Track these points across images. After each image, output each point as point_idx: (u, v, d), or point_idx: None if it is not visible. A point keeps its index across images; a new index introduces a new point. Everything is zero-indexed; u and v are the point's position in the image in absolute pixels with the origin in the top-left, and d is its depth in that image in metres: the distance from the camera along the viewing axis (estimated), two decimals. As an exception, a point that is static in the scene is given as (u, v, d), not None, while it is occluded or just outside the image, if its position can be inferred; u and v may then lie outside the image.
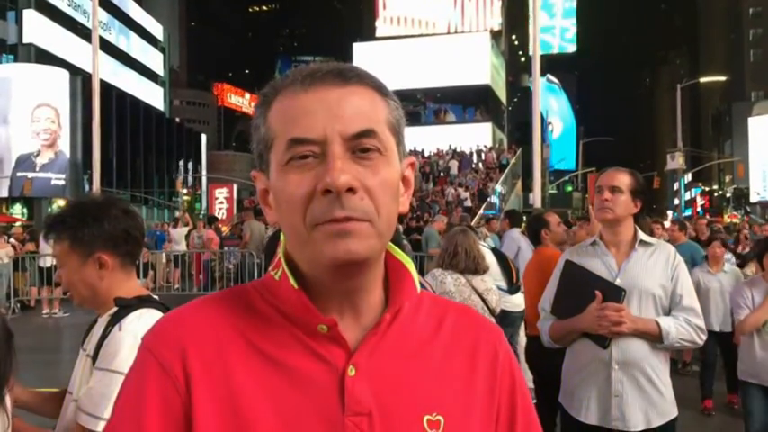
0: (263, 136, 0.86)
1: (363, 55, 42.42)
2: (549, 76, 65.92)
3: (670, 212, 52.37)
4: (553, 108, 66.30)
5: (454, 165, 28.07)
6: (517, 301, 6.19)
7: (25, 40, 43.67)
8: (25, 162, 38.39)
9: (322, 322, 0.83)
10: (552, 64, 60.75)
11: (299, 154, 0.81)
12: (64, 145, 40.95)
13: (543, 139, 26.31)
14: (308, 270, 0.85)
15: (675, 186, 62.52)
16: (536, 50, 13.76)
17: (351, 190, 0.78)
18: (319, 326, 0.83)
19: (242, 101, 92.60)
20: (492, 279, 4.61)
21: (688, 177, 57.89)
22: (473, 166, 29.10)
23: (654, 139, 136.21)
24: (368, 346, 0.85)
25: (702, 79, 57.96)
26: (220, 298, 0.89)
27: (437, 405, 0.86)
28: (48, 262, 13.05)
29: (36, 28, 44.02)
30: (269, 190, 0.87)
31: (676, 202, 59.89)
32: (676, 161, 38.28)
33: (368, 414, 0.82)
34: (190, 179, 53.24)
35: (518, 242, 7.61)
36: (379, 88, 0.86)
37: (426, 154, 30.55)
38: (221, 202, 23.07)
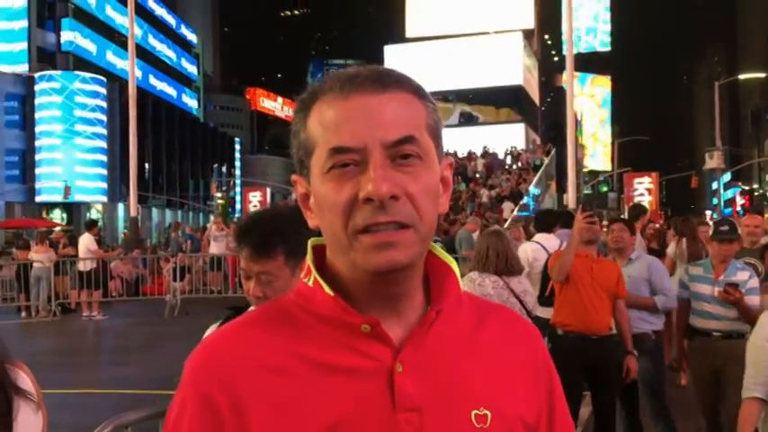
0: (303, 142, 0.86)
1: (394, 57, 42.38)
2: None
3: (708, 212, 51.33)
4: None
5: (485, 166, 27.95)
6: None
7: (63, 49, 44.63)
8: (64, 167, 39.24)
9: (364, 322, 0.83)
10: (587, 63, 60.17)
11: (340, 162, 0.81)
12: (102, 151, 41.79)
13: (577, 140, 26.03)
14: (348, 275, 0.85)
15: (714, 185, 61.33)
16: (570, 50, 13.64)
17: (393, 197, 0.79)
18: (363, 326, 0.83)
19: (275, 105, 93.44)
20: (528, 281, 4.57)
21: (727, 176, 56.75)
22: (506, 167, 28.90)
23: (691, 137, 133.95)
24: (413, 343, 0.85)
25: (741, 76, 56.91)
26: (259, 316, 0.90)
27: (483, 400, 0.86)
28: (88, 266, 13.30)
29: (74, 36, 44.96)
30: (309, 194, 0.88)
31: (715, 201, 58.74)
32: (715, 160, 37.58)
33: (418, 409, 0.82)
34: (224, 183, 53.78)
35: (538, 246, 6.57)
36: (417, 91, 0.86)
37: (459, 155, 30.43)
38: (255, 206, 23.29)
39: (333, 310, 0.84)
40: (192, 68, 66.12)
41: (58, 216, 40.90)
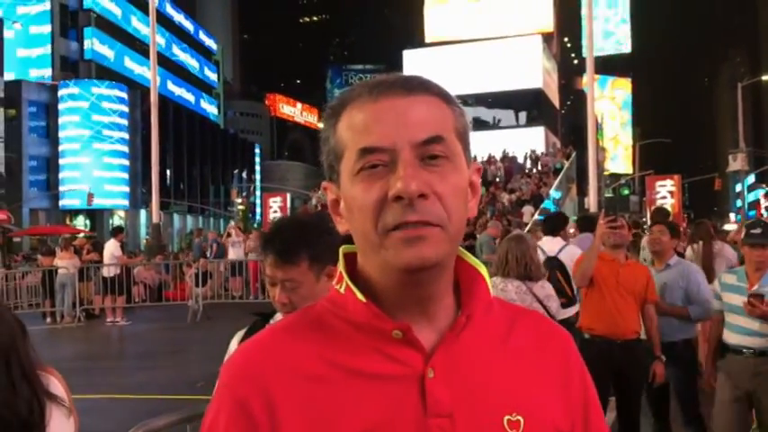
0: (333, 147, 0.88)
1: (413, 61, 42.44)
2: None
3: (732, 215, 50.72)
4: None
5: (505, 170, 27.85)
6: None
7: (86, 57, 45.22)
8: (87, 174, 39.72)
9: (396, 328, 0.84)
10: (607, 65, 59.78)
11: (370, 163, 0.82)
12: (124, 156, 42.24)
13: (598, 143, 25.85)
14: (379, 278, 0.86)
15: (738, 188, 60.59)
16: (590, 53, 13.56)
17: (422, 196, 0.80)
18: (394, 332, 0.84)
19: (294, 110, 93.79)
20: (550, 286, 4.54)
21: (751, 178, 56.01)
22: (526, 170, 28.78)
23: (714, 139, 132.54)
24: (444, 349, 0.85)
25: (765, 77, 56.20)
26: (292, 322, 0.91)
27: (516, 406, 0.86)
28: (111, 272, 13.44)
29: (96, 45, 45.53)
30: (339, 200, 0.89)
31: (739, 203, 58.03)
32: (738, 162, 37.15)
33: (449, 415, 0.82)
34: (244, 189, 54.11)
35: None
36: (444, 96, 0.87)
37: (479, 159, 30.34)
38: (275, 211, 23.37)
39: (365, 316, 0.85)
40: (212, 76, 66.67)
41: (81, 222, 41.39)
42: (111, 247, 13.77)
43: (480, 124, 41.28)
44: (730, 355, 4.01)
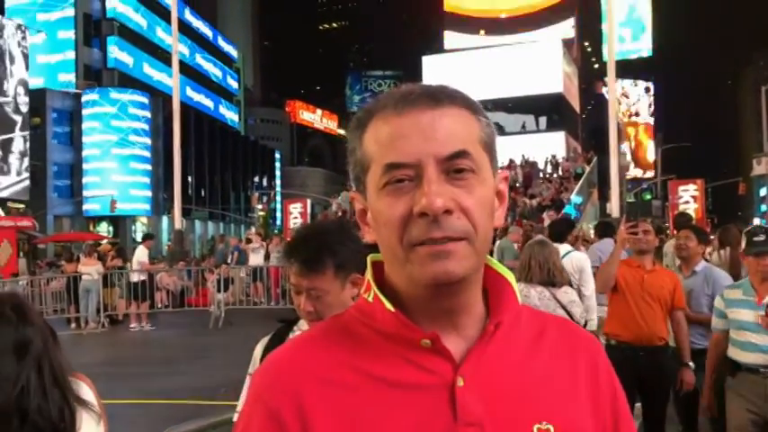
0: (360, 159, 0.88)
1: (432, 67, 42.36)
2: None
3: (757, 220, 49.98)
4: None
5: (524, 175, 27.69)
6: None
7: (109, 66, 45.76)
8: (110, 182, 40.16)
9: (424, 337, 0.84)
10: (627, 68, 59.33)
11: (395, 178, 0.83)
12: (146, 163, 42.65)
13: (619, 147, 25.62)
14: (406, 289, 0.87)
15: (762, 192, 59.75)
16: (611, 57, 13.46)
17: (447, 211, 0.80)
18: (423, 341, 0.84)
19: (314, 117, 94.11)
20: (574, 291, 4.51)
21: (776, 182, 55.21)
22: (546, 175, 28.59)
23: (737, 142, 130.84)
24: (473, 357, 0.85)
25: (789, 80, 55.37)
26: (321, 331, 0.92)
27: (546, 414, 0.85)
28: (135, 277, 13.57)
29: (119, 53, 46.07)
30: (367, 210, 0.89)
31: (763, 208, 57.19)
32: (763, 166, 36.69)
33: (480, 424, 0.83)
34: (264, 195, 54.40)
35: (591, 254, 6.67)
36: (470, 106, 0.87)
37: (498, 165, 30.14)
38: (296, 217, 23.43)
39: (394, 325, 0.86)
40: (233, 83, 67.13)
41: (104, 229, 41.84)
42: (138, 254, 13.96)
43: (500, 129, 41.02)
44: (743, 375, 3.62)
